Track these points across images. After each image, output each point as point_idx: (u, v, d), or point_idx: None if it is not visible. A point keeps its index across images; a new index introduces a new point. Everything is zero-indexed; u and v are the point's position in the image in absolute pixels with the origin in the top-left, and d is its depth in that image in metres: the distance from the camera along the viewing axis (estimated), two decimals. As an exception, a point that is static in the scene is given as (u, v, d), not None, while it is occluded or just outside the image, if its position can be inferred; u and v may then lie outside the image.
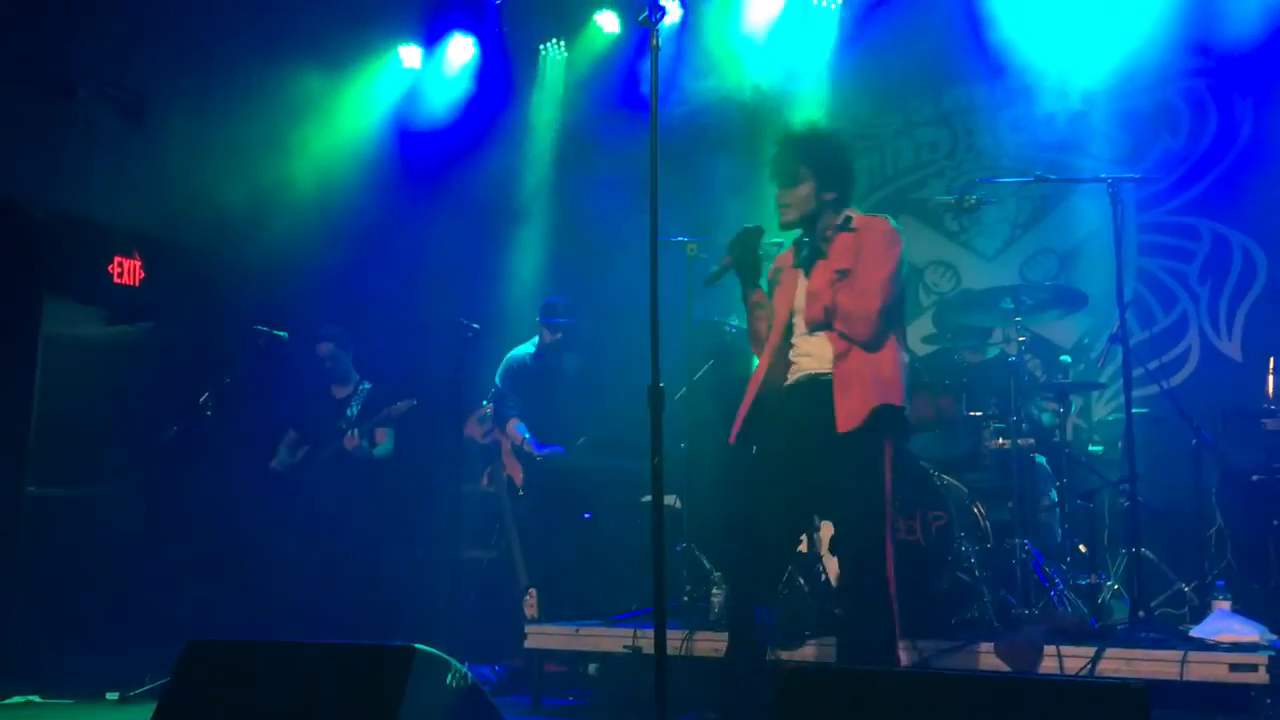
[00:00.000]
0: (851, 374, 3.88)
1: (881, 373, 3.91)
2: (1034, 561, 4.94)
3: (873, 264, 3.97)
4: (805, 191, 4.07)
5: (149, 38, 6.81)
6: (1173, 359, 6.59)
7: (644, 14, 3.18)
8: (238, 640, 2.61)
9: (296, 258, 7.06)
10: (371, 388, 6.74)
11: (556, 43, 8.08)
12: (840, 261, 3.99)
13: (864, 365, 3.89)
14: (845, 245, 4.02)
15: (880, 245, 3.99)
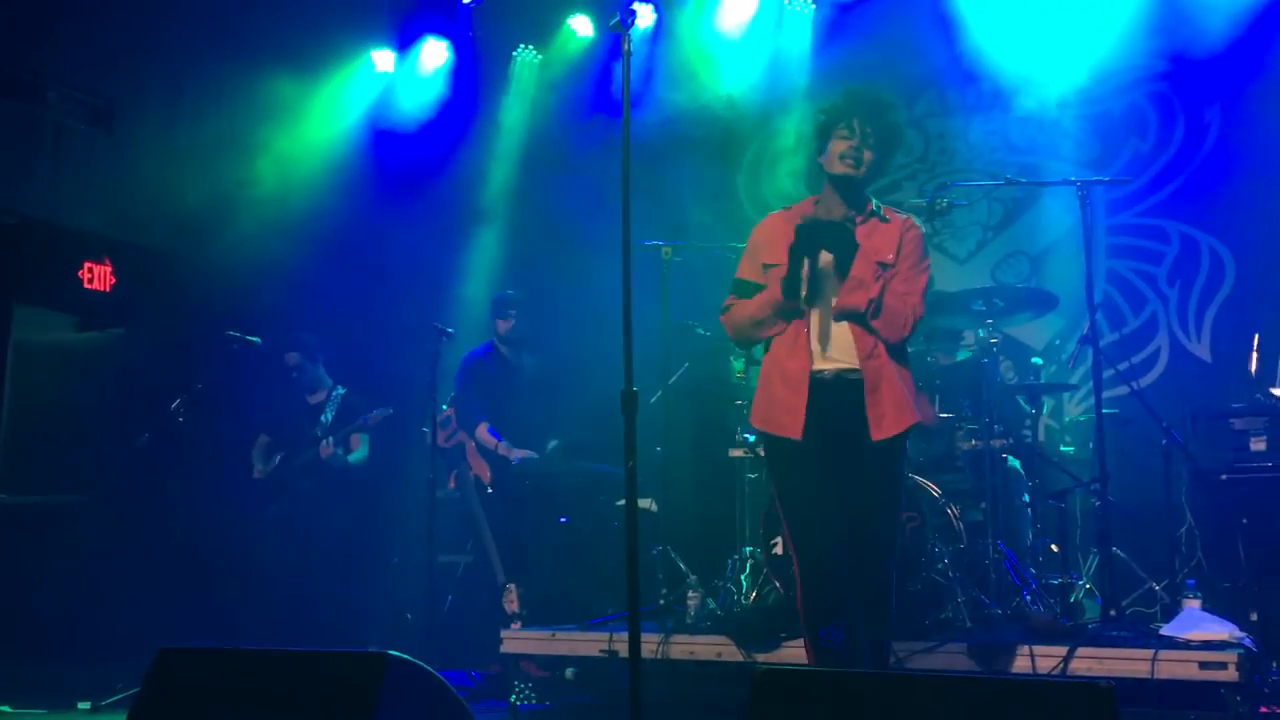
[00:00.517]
0: (880, 377, 3.68)
1: (908, 384, 3.77)
2: (1007, 562, 4.98)
3: (916, 266, 3.77)
4: (868, 156, 3.76)
5: (119, 43, 6.76)
6: (1142, 360, 6.65)
7: (615, 19, 3.18)
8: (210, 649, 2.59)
9: (268, 262, 7.03)
10: (346, 393, 6.71)
11: (528, 47, 8.07)
12: (881, 253, 3.72)
13: (892, 370, 3.70)
14: (883, 236, 3.76)
15: (920, 248, 3.80)
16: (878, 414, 3.66)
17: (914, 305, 3.72)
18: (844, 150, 3.73)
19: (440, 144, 8.06)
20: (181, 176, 6.97)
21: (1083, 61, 6.82)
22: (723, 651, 4.79)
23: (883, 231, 3.76)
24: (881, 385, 3.67)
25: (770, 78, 7.66)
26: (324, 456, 6.41)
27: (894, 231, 3.75)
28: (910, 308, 3.71)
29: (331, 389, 6.75)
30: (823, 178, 3.85)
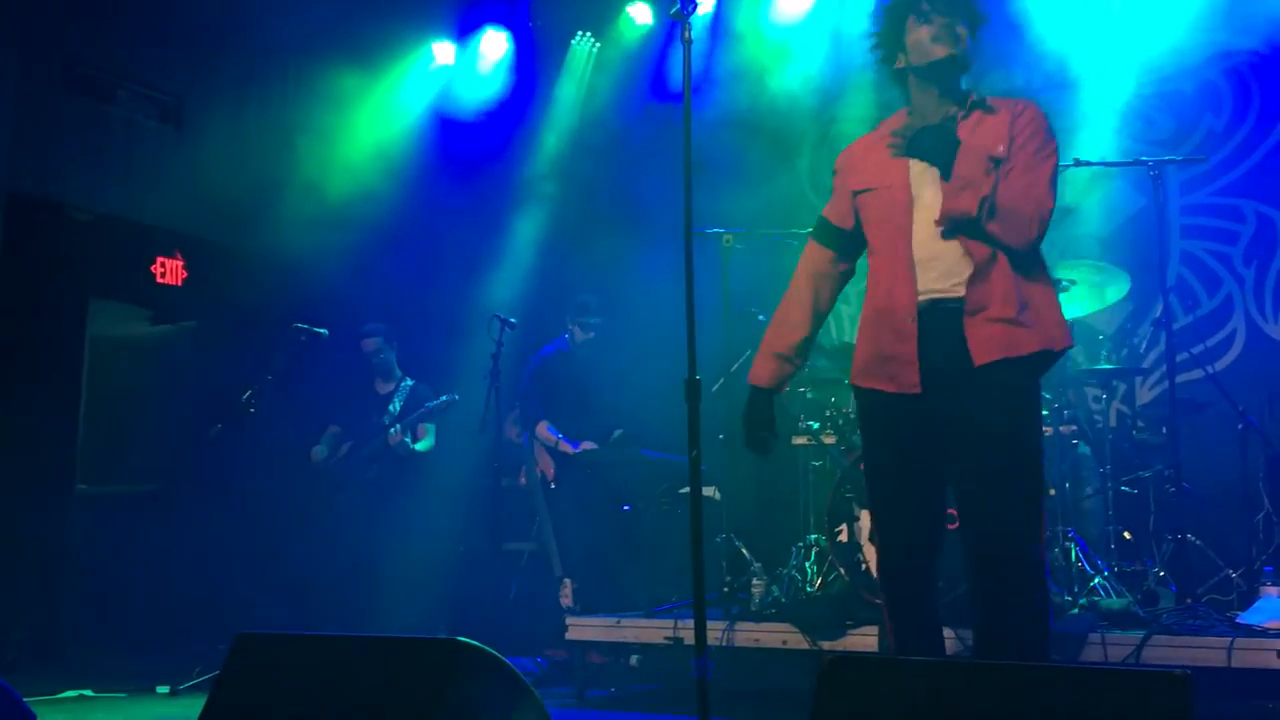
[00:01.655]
0: (994, 294, 3.05)
1: (1044, 300, 3.13)
2: (1078, 549, 4.91)
3: (1037, 154, 3.13)
4: (962, 32, 3.21)
5: (187, 42, 6.89)
6: (1217, 343, 6.49)
7: (676, 7, 3.16)
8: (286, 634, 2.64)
9: (334, 254, 7.13)
10: (415, 385, 6.82)
11: (586, 34, 8.08)
12: (991, 146, 3.12)
13: (1012, 285, 3.06)
14: (992, 128, 3.17)
15: (1042, 132, 3.16)
16: (982, 336, 3.05)
17: (1039, 198, 3.08)
18: (933, 33, 3.18)
19: (500, 133, 8.10)
20: (249, 171, 7.09)
21: (1154, 39, 6.66)
22: (788, 639, 4.78)
23: (990, 124, 3.18)
24: (992, 304, 3.05)
25: (832, 60, 7.57)
26: (392, 444, 6.51)
27: (1003, 120, 3.17)
28: (1035, 201, 3.07)
29: (401, 380, 6.86)
30: (906, 83, 3.30)
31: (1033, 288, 3.11)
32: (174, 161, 6.94)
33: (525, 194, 8.02)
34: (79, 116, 6.55)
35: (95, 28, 6.50)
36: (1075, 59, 6.86)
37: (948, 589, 4.72)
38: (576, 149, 8.07)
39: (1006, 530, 3.05)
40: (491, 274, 7.68)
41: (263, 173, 7.14)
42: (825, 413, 5.63)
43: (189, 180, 6.89)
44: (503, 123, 8.12)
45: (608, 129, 8.02)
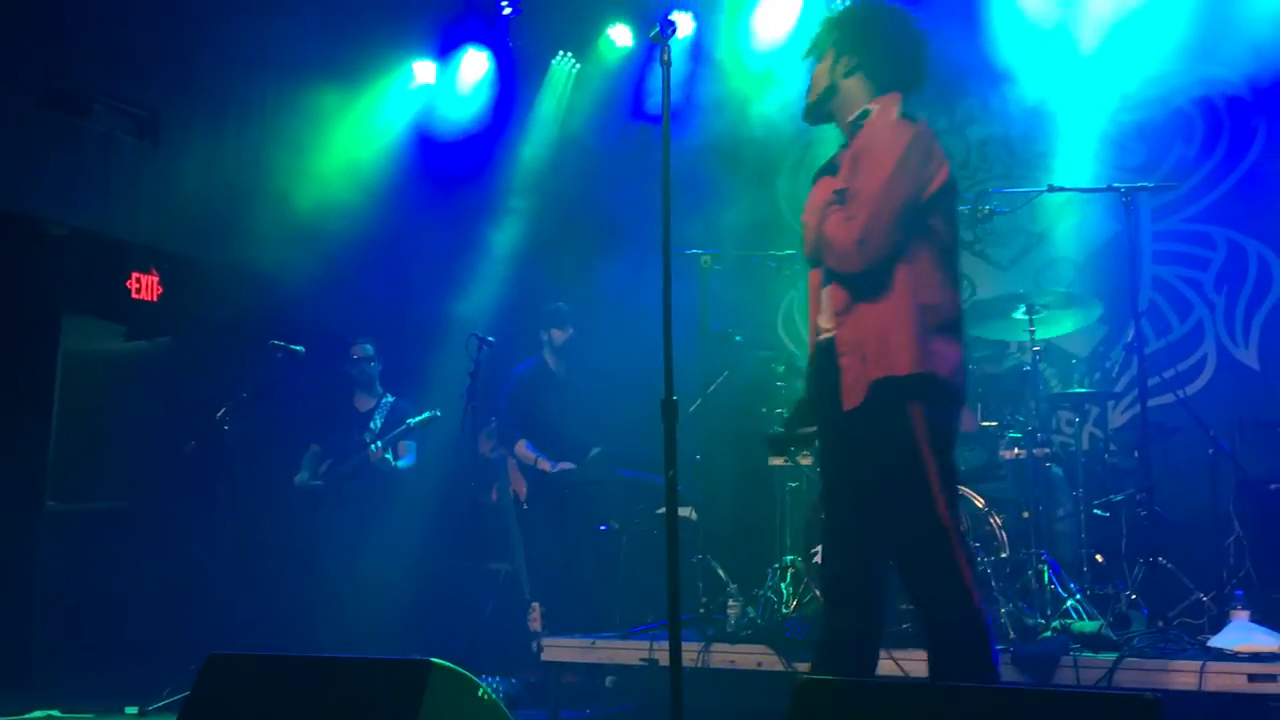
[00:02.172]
0: (849, 335, 2.96)
1: (884, 327, 2.91)
2: (1050, 572, 4.93)
3: (870, 166, 2.95)
4: (822, 68, 3.19)
5: (164, 56, 6.87)
6: (1189, 367, 6.56)
7: (655, 30, 3.18)
8: (257, 654, 2.63)
9: (312, 272, 7.11)
10: (395, 401, 6.80)
11: (567, 54, 8.11)
12: (844, 172, 3.03)
13: (865, 319, 2.94)
14: (853, 149, 3.09)
15: (882, 137, 2.98)
16: (849, 380, 2.94)
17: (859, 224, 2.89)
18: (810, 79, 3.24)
19: (480, 152, 8.12)
20: (226, 187, 7.07)
21: (1128, 69, 6.75)
22: (763, 661, 4.78)
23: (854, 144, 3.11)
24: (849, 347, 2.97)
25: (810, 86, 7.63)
26: (373, 461, 6.48)
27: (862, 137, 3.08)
28: (853, 229, 2.89)
29: (381, 396, 6.84)
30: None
31: (886, 317, 2.93)
32: (150, 177, 6.91)
33: (503, 211, 8.02)
34: (55, 131, 6.51)
35: (72, 43, 6.47)
36: (1050, 87, 6.94)
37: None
38: (555, 168, 8.09)
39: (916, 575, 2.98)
40: (469, 291, 7.67)
41: (239, 189, 7.12)
42: (801, 434, 5.64)
43: (165, 196, 6.86)
44: (483, 141, 8.13)
45: (587, 148, 8.05)
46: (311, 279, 7.10)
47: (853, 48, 3.14)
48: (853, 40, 3.14)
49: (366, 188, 7.62)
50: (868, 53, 3.13)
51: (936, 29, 7.15)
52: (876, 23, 3.18)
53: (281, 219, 7.10)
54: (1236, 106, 6.67)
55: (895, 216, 2.90)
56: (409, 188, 7.94)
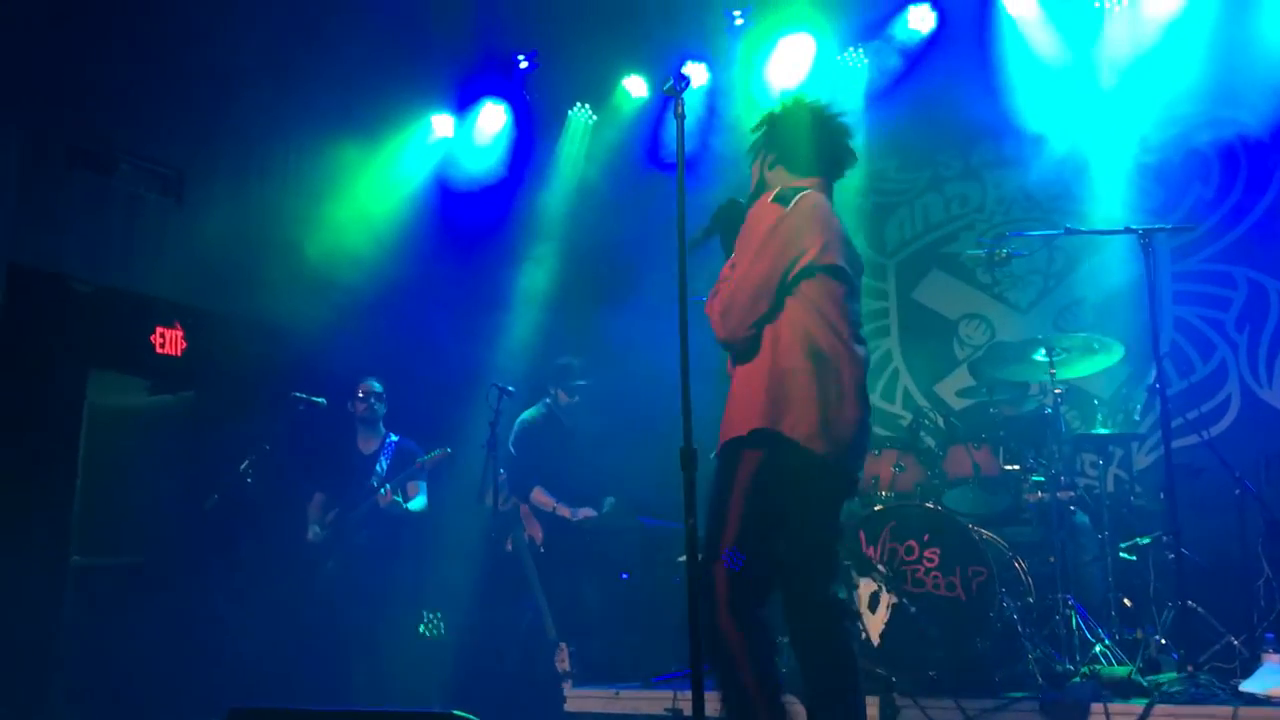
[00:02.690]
0: (730, 392, 3.36)
1: (744, 391, 3.31)
2: (1078, 616, 4.88)
3: (741, 247, 3.35)
4: (756, 165, 3.55)
5: (188, 116, 6.98)
6: (1213, 408, 6.52)
7: (669, 83, 3.25)
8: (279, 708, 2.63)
9: (334, 325, 7.16)
10: (400, 440, 6.67)
11: (584, 106, 8.21)
12: (734, 254, 3.41)
13: (736, 380, 3.34)
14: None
15: (753, 222, 3.35)
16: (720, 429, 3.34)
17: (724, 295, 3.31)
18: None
19: (498, 204, 8.20)
20: (249, 242, 7.14)
21: (1143, 112, 6.78)
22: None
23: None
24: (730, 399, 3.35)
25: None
26: (382, 505, 6.30)
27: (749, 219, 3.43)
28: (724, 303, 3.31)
29: (385, 436, 6.70)
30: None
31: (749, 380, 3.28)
32: (175, 233, 6.99)
33: (522, 261, 8.08)
34: (81, 190, 6.61)
35: (98, 103, 6.58)
36: (1066, 130, 6.97)
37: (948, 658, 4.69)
38: (573, 217, 8.16)
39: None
40: (489, 341, 7.71)
41: (262, 244, 7.20)
42: (823, 480, 5.62)
43: (189, 252, 6.94)
44: (501, 192, 8.22)
45: (603, 198, 8.12)
46: (332, 331, 7.15)
47: (773, 144, 3.52)
48: (774, 137, 3.51)
49: (387, 241, 7.70)
50: (786, 146, 3.49)
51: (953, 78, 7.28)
52: (794, 119, 3.52)
53: (303, 273, 7.17)
54: (1253, 147, 6.68)
55: (755, 292, 3.26)
56: (429, 240, 8.01)
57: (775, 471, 3.18)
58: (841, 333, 3.31)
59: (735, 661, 3.16)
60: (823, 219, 3.34)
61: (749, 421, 3.23)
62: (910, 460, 5.42)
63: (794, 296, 3.26)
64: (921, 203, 7.74)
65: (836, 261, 3.32)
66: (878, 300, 7.80)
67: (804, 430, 3.20)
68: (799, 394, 3.21)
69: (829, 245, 3.29)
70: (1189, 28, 6.60)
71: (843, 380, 3.29)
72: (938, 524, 4.94)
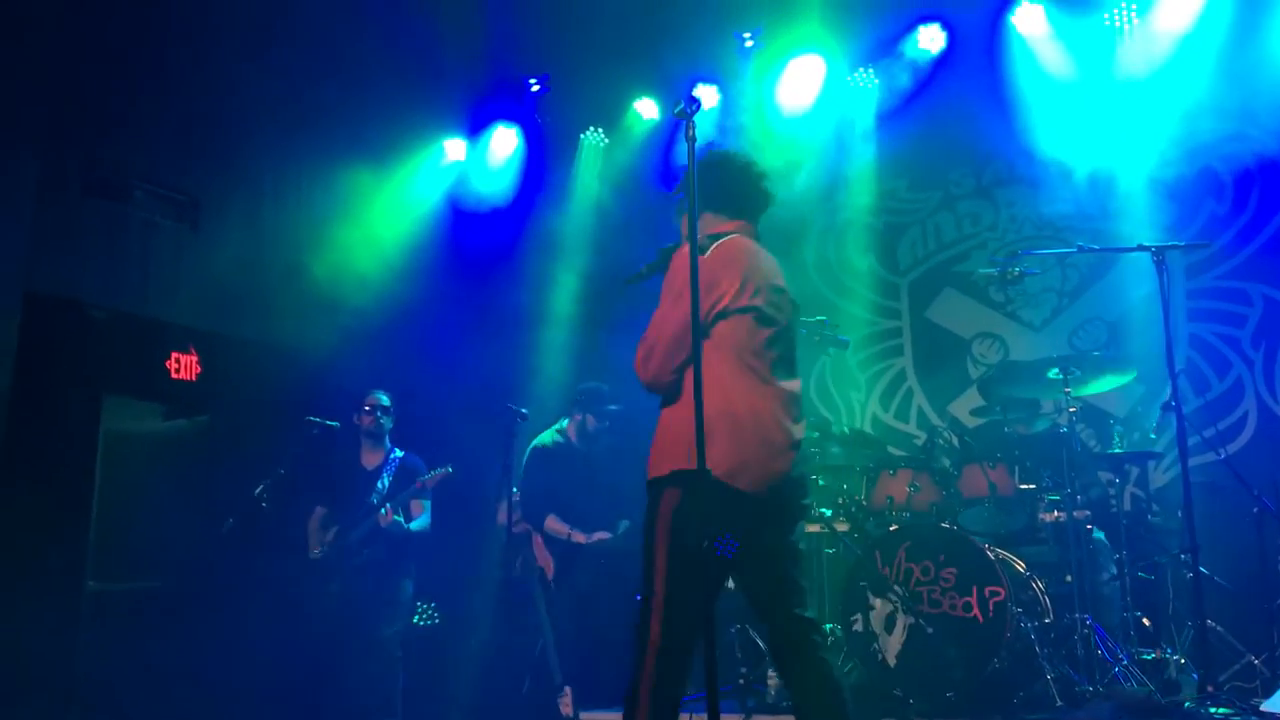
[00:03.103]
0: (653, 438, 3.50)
1: (666, 430, 3.44)
2: (1096, 636, 4.85)
3: (663, 294, 3.49)
4: (684, 218, 3.61)
5: (202, 142, 7.03)
6: (1230, 425, 6.49)
7: (680, 106, 3.26)
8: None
9: (348, 349, 7.18)
10: (404, 456, 6.44)
11: (597, 130, 8.25)
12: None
13: (661, 422, 3.49)
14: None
15: (672, 271, 3.49)
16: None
17: (647, 341, 3.45)
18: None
19: (511, 226, 8.23)
20: (263, 268, 7.18)
21: (1155, 129, 6.78)
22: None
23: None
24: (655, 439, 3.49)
25: (836, 151, 7.73)
26: (383, 525, 6.05)
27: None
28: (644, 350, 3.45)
29: (389, 451, 6.44)
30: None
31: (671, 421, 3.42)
32: (189, 259, 7.04)
33: (534, 283, 8.11)
34: (97, 217, 6.66)
35: (114, 131, 6.64)
36: (1078, 148, 6.97)
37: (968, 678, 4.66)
38: (584, 238, 8.19)
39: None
40: (502, 363, 7.72)
41: (276, 269, 7.24)
42: (838, 500, 5.62)
43: (204, 277, 6.98)
44: (513, 215, 8.25)
45: (615, 219, 8.15)
46: (346, 355, 7.17)
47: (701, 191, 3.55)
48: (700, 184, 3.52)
49: (400, 264, 7.74)
50: (711, 194, 3.64)
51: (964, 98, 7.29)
52: (716, 167, 3.67)
53: (317, 297, 7.20)
54: (1267, 163, 6.67)
55: (674, 338, 3.37)
56: (441, 263, 8.04)
57: (697, 509, 3.18)
58: (761, 371, 3.42)
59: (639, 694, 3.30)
60: (742, 262, 3.49)
61: (671, 462, 3.34)
62: (925, 480, 5.41)
63: (711, 340, 3.39)
64: (934, 222, 7.75)
65: (753, 303, 3.45)
66: (891, 319, 7.79)
67: (725, 466, 3.27)
68: (719, 433, 3.29)
69: (745, 288, 3.44)
70: (1200, 45, 6.61)
71: (763, 416, 3.38)
72: (954, 544, 4.92)
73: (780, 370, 3.49)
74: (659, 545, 3.33)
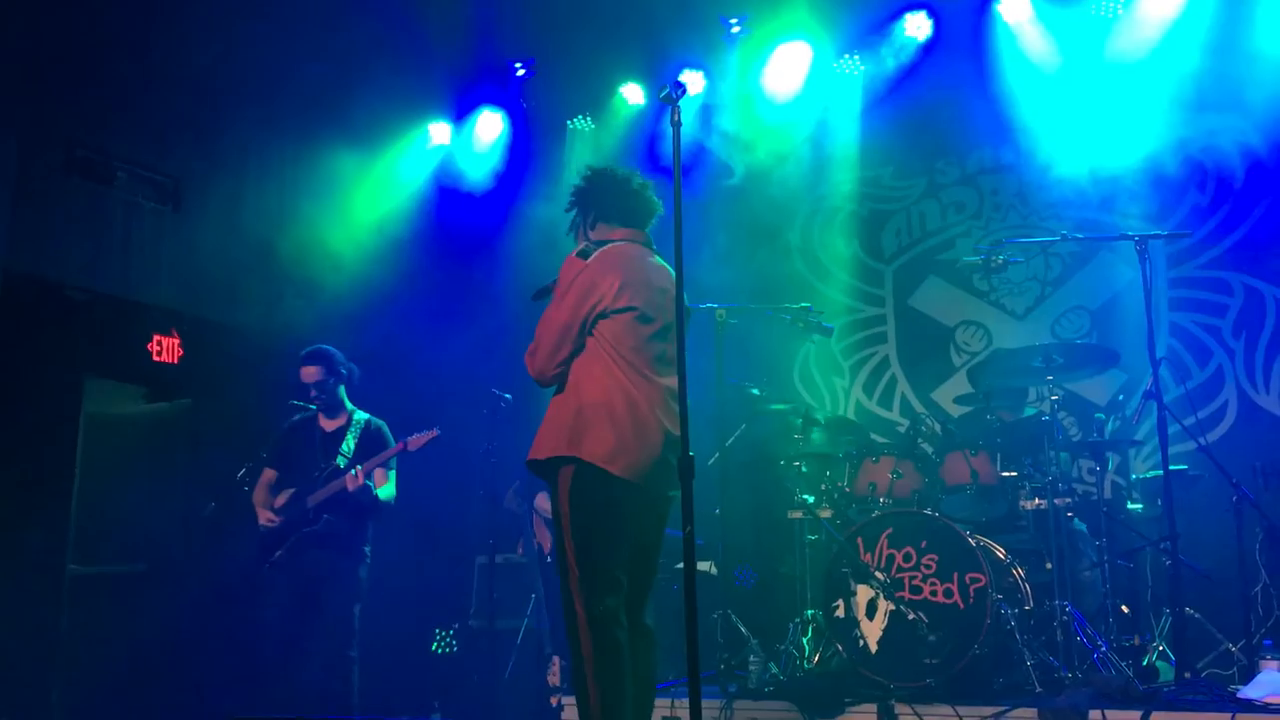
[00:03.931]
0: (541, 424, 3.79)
1: (551, 418, 3.76)
2: (1075, 623, 4.88)
3: (553, 296, 3.83)
4: (579, 233, 3.99)
5: (184, 124, 6.99)
6: (1210, 414, 6.53)
7: (666, 91, 3.26)
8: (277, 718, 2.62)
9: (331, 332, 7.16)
10: (370, 419, 5.82)
11: (585, 117, 8.22)
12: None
13: (548, 410, 3.79)
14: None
15: (562, 275, 3.82)
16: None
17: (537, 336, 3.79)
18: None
19: (495, 211, 8.21)
20: (246, 250, 7.15)
21: (1138, 118, 6.80)
22: (785, 717, 4.73)
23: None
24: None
25: (821, 138, 7.73)
26: (351, 489, 5.43)
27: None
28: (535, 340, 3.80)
29: (351, 413, 5.81)
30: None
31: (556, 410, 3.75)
32: (171, 241, 7.00)
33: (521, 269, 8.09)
34: (78, 198, 6.61)
35: (95, 111, 6.59)
36: (1061, 136, 6.99)
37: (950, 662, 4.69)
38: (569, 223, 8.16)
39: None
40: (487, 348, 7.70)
41: (259, 251, 7.21)
42: (821, 486, 5.64)
43: (186, 259, 6.95)
44: (498, 199, 8.22)
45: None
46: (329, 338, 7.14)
47: (588, 207, 3.99)
48: (587, 202, 3.99)
49: (384, 248, 7.71)
50: (601, 207, 3.96)
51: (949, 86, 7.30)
52: (599, 182, 3.99)
53: (299, 279, 7.18)
54: (1249, 153, 6.70)
55: (557, 338, 3.73)
56: (426, 247, 8.02)
57: (582, 489, 3.63)
58: (639, 366, 3.71)
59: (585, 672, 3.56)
60: (623, 267, 3.76)
61: (552, 449, 3.67)
62: (908, 467, 5.43)
63: (593, 337, 3.72)
64: (918, 209, 7.76)
65: (631, 304, 3.72)
66: (875, 307, 7.80)
67: (600, 452, 3.61)
68: (596, 422, 3.63)
69: (623, 291, 3.71)
70: (1185, 35, 6.63)
71: (639, 408, 3.66)
72: (935, 531, 4.94)
73: (661, 366, 3.75)
74: (564, 524, 3.66)
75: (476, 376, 7.17)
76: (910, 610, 4.80)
